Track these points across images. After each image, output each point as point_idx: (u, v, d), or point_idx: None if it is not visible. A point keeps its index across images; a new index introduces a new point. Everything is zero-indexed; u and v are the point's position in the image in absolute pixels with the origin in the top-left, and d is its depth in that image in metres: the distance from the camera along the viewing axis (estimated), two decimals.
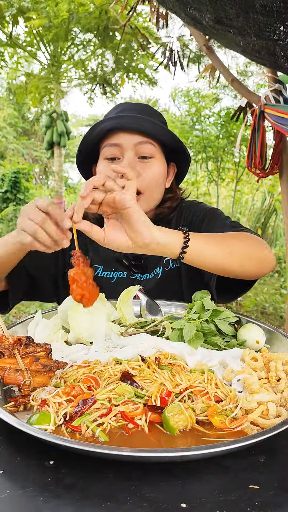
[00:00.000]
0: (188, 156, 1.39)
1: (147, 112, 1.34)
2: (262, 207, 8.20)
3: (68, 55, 8.75)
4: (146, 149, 1.28)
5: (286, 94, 2.69)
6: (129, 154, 1.27)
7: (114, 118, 1.27)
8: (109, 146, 1.28)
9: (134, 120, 1.26)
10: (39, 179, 17.39)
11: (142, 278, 1.40)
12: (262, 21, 1.51)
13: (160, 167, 1.31)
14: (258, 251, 1.16)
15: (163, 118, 1.40)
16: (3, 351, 0.88)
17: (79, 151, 1.36)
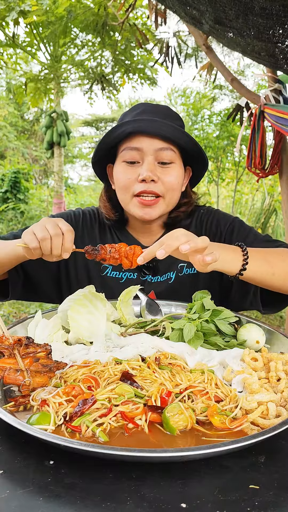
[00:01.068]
0: (206, 162, 1.38)
1: (167, 114, 1.32)
2: (262, 207, 8.20)
3: (67, 55, 8.75)
4: (167, 155, 1.27)
5: (286, 94, 2.69)
6: (150, 159, 1.26)
7: (135, 121, 1.25)
8: (128, 150, 1.27)
9: (155, 124, 1.24)
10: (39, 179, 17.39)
11: (153, 280, 1.40)
12: (261, 23, 1.51)
13: (179, 172, 1.31)
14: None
15: (182, 121, 1.38)
16: (3, 351, 0.88)
17: (96, 151, 1.35)
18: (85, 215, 1.48)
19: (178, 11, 1.88)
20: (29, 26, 7.43)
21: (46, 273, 1.40)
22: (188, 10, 1.75)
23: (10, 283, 1.33)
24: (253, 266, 1.09)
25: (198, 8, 1.66)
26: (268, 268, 1.13)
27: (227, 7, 1.50)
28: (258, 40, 1.66)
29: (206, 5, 1.58)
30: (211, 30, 1.86)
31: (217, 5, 1.52)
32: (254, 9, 1.44)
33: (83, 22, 7.07)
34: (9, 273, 1.32)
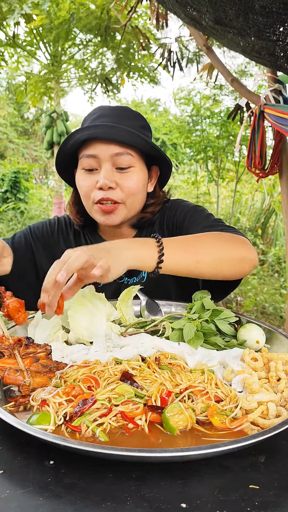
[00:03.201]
0: (169, 163, 1.35)
1: (125, 116, 1.30)
2: (262, 207, 8.21)
3: (68, 55, 8.75)
4: (124, 160, 1.24)
5: (286, 94, 2.69)
6: (106, 165, 1.23)
7: (89, 128, 1.23)
8: (85, 157, 1.25)
9: (110, 129, 1.21)
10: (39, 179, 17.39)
11: (129, 282, 1.40)
12: (261, 22, 1.51)
13: (139, 176, 1.28)
14: (233, 252, 1.14)
15: (144, 120, 1.35)
16: (3, 352, 0.88)
17: (57, 159, 1.34)
18: (60, 222, 1.49)
19: (178, 12, 1.88)
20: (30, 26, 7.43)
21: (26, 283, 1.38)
22: (188, 11, 1.75)
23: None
24: (173, 256, 1.03)
25: (198, 8, 1.66)
26: (191, 256, 1.07)
27: (227, 6, 1.50)
28: (258, 39, 1.66)
29: (206, 6, 1.58)
30: (211, 31, 1.86)
31: (217, 5, 1.52)
32: (254, 7, 1.44)
33: (86, 25, 7.07)
34: None
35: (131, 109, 1.37)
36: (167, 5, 1.90)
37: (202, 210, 1.40)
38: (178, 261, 1.06)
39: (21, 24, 6.50)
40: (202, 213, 1.37)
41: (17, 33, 7.28)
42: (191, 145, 8.02)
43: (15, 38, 7.17)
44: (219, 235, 1.17)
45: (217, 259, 1.11)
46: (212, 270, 1.11)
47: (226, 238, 1.16)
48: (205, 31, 2.04)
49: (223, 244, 1.14)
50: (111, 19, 6.59)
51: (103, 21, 6.74)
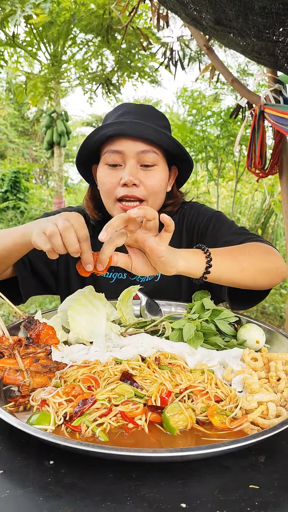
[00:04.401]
0: (191, 162, 1.37)
1: (150, 115, 1.30)
2: (262, 207, 8.20)
3: (68, 54, 8.75)
4: (149, 158, 1.24)
5: (286, 94, 2.69)
6: (131, 162, 1.23)
7: (116, 124, 1.23)
8: (110, 153, 1.25)
9: (136, 126, 1.22)
10: (39, 179, 17.40)
11: (141, 280, 1.40)
12: (261, 22, 1.51)
13: (162, 174, 1.29)
14: (270, 263, 1.16)
15: (166, 120, 1.37)
16: (3, 352, 0.88)
17: (79, 153, 1.34)
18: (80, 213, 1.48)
19: (179, 12, 1.88)
20: (29, 25, 7.44)
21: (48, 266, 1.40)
22: (188, 11, 1.75)
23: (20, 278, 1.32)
24: (219, 264, 1.05)
25: (198, 8, 1.66)
26: (235, 264, 1.09)
27: (227, 7, 1.50)
28: (258, 39, 1.66)
29: (206, 6, 1.58)
30: (211, 31, 1.86)
31: (217, 6, 1.52)
32: (254, 8, 1.44)
33: (87, 25, 7.07)
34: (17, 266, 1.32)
35: (155, 108, 1.38)
36: (167, 4, 1.90)
37: (224, 216, 1.42)
38: (224, 270, 1.07)
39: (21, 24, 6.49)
40: (226, 220, 1.38)
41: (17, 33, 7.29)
42: (191, 145, 8.02)
43: (15, 38, 7.17)
44: (258, 246, 1.19)
45: (258, 270, 1.13)
46: (252, 279, 1.13)
47: (264, 249, 1.19)
48: (205, 31, 2.04)
49: (262, 254, 1.16)
50: (113, 19, 6.59)
51: (105, 21, 6.74)
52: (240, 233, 1.30)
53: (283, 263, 1.20)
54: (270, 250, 1.19)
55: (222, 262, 1.06)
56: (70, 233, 0.93)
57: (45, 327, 1.00)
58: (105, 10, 6.36)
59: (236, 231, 1.31)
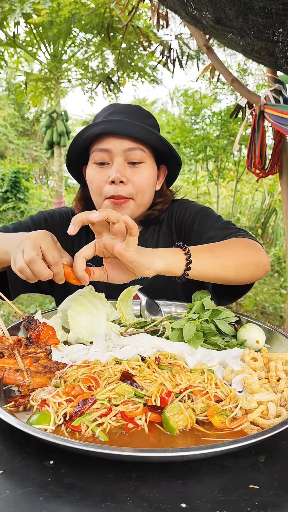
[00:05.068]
0: (179, 160, 1.37)
1: (138, 114, 1.32)
2: (262, 207, 8.20)
3: (68, 54, 8.75)
4: (136, 155, 1.26)
5: (286, 94, 2.68)
6: (119, 160, 1.25)
7: (103, 122, 1.25)
8: (98, 151, 1.26)
9: (123, 125, 1.24)
10: (39, 179, 17.40)
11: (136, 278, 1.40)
12: (261, 23, 1.51)
13: (150, 172, 1.30)
14: (251, 257, 1.16)
15: (154, 120, 1.38)
16: (3, 352, 0.88)
17: (69, 154, 1.35)
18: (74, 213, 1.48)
19: (178, 11, 1.88)
20: (30, 25, 7.44)
21: None
22: (188, 10, 1.75)
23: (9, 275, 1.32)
24: (199, 261, 1.04)
25: (198, 8, 1.66)
26: (216, 260, 1.08)
27: (227, 7, 1.50)
28: (258, 39, 1.66)
29: (206, 5, 1.58)
30: (211, 30, 1.86)
31: (217, 5, 1.52)
32: (254, 8, 1.44)
33: (87, 24, 7.08)
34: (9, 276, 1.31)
35: (142, 108, 1.40)
36: (167, 3, 1.90)
37: (211, 211, 1.42)
38: (205, 266, 1.06)
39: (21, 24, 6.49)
40: (212, 215, 1.38)
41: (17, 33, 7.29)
42: (191, 145, 8.02)
43: (15, 38, 7.17)
44: (239, 241, 1.19)
45: (239, 264, 1.13)
46: (234, 274, 1.12)
47: (246, 243, 1.18)
48: (205, 31, 2.04)
49: (243, 249, 1.16)
50: (113, 18, 6.59)
51: (105, 19, 6.74)
52: (224, 227, 1.30)
53: (265, 257, 1.20)
54: (252, 244, 1.19)
55: (202, 258, 1.05)
56: (35, 264, 0.94)
57: (45, 327, 1.00)
58: (106, 8, 6.36)
59: (221, 225, 1.31)
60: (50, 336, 1.00)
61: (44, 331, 1.00)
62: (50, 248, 0.97)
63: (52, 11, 6.58)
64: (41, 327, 1.00)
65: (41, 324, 1.01)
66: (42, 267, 0.95)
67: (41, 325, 1.01)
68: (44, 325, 1.01)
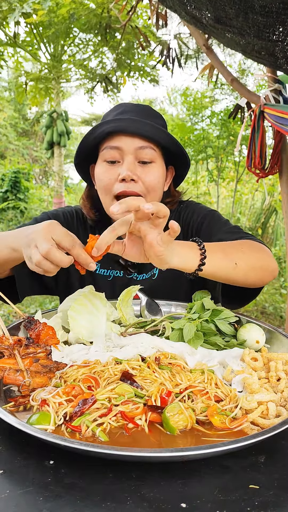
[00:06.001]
0: (188, 160, 1.38)
1: (148, 113, 1.32)
2: (262, 207, 8.20)
3: (68, 54, 8.75)
4: (147, 154, 1.26)
5: (286, 94, 2.68)
6: (129, 158, 1.25)
7: (114, 121, 1.25)
8: (109, 149, 1.26)
9: (135, 123, 1.24)
10: (39, 179, 17.40)
11: (138, 278, 1.40)
12: (261, 21, 1.51)
13: (159, 172, 1.30)
14: (262, 262, 1.17)
15: (163, 120, 1.38)
16: (3, 352, 0.88)
17: (78, 152, 1.34)
18: (77, 213, 1.48)
19: (178, 10, 1.88)
20: (30, 25, 7.44)
21: None
22: (188, 10, 1.75)
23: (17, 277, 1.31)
24: (213, 260, 1.05)
25: (198, 7, 1.66)
26: (229, 261, 1.09)
27: (227, 6, 1.50)
28: (258, 38, 1.66)
29: (206, 4, 1.58)
30: (211, 30, 1.86)
31: (217, 4, 1.52)
32: (254, 7, 1.44)
33: (86, 24, 7.08)
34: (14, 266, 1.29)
35: (152, 108, 1.40)
36: (167, 3, 1.90)
37: (219, 215, 1.42)
38: (217, 265, 1.07)
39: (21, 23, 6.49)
40: (220, 218, 1.39)
41: (18, 33, 7.28)
42: (190, 144, 8.02)
43: (15, 38, 7.17)
44: (252, 244, 1.20)
45: (250, 267, 1.14)
46: (244, 276, 1.13)
47: (257, 247, 1.20)
48: (205, 30, 2.04)
49: (255, 253, 1.17)
50: (111, 18, 6.59)
51: (104, 19, 6.75)
52: (234, 231, 1.31)
53: (274, 262, 1.21)
54: (262, 249, 1.21)
55: (215, 258, 1.06)
56: (53, 254, 0.92)
57: (45, 327, 1.00)
58: (104, 9, 6.36)
59: (230, 229, 1.32)
60: (50, 336, 1.00)
61: (44, 331, 1.00)
62: (63, 234, 0.96)
63: (51, 11, 6.58)
64: (41, 327, 1.00)
65: (41, 324, 1.01)
66: (60, 255, 0.93)
67: (41, 325, 1.01)
68: (44, 325, 1.01)
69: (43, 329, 1.00)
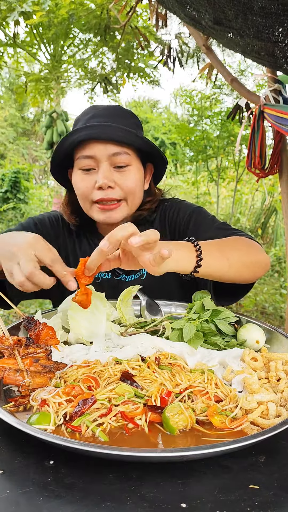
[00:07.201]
0: (165, 159, 1.37)
1: (118, 115, 1.30)
2: (262, 207, 8.20)
3: (68, 54, 8.75)
4: (122, 159, 1.25)
5: (286, 94, 2.68)
6: (104, 165, 1.24)
7: (86, 128, 1.23)
8: (82, 158, 1.25)
9: (106, 129, 1.22)
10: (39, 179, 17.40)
11: (127, 279, 1.40)
12: (260, 23, 1.51)
13: (137, 174, 1.29)
14: (254, 257, 1.17)
15: (136, 118, 1.36)
16: (3, 352, 0.88)
17: (52, 161, 1.33)
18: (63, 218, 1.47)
19: (177, 12, 1.88)
20: (29, 26, 7.44)
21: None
22: (187, 11, 1.75)
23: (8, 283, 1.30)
24: (209, 261, 1.04)
25: (197, 8, 1.66)
26: (224, 260, 1.08)
27: (226, 7, 1.50)
28: (257, 39, 1.66)
29: (205, 6, 1.58)
30: (211, 31, 1.86)
31: (216, 6, 1.52)
32: (253, 8, 1.44)
33: (85, 24, 7.08)
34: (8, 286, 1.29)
35: (122, 107, 1.39)
36: (166, 4, 1.90)
37: (205, 211, 1.42)
38: (213, 264, 1.06)
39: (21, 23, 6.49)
40: (207, 215, 1.39)
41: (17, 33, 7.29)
42: (190, 145, 8.02)
43: (15, 38, 7.17)
44: (243, 240, 1.20)
45: (243, 264, 1.14)
46: (238, 273, 1.13)
47: (249, 243, 1.20)
48: (205, 31, 2.04)
49: (248, 248, 1.17)
50: (111, 18, 6.60)
51: (103, 20, 6.75)
52: (223, 228, 1.31)
53: (266, 257, 1.22)
54: (254, 244, 1.21)
55: (211, 258, 1.05)
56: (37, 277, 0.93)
57: (45, 327, 1.01)
58: (103, 9, 6.37)
59: (219, 226, 1.32)
60: (50, 336, 1.00)
61: (44, 331, 1.00)
62: (45, 250, 0.96)
63: (50, 11, 6.58)
64: (41, 327, 1.00)
65: (41, 324, 1.01)
66: (43, 278, 0.93)
67: (41, 325, 1.01)
68: (44, 325, 1.01)
69: (43, 329, 1.00)
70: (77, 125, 1.31)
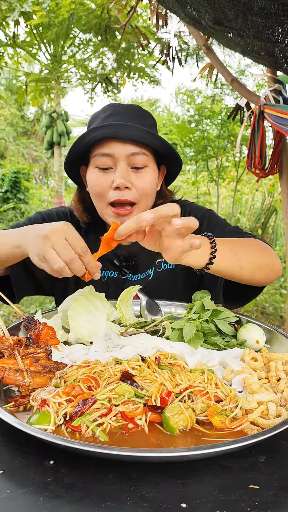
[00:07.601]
0: (180, 161, 1.36)
1: (137, 115, 1.30)
2: (262, 207, 8.20)
3: (68, 54, 8.76)
4: (140, 160, 1.24)
5: (286, 94, 2.68)
6: (122, 165, 1.23)
7: (104, 127, 1.22)
8: (100, 156, 1.24)
9: (125, 128, 1.21)
10: (39, 179, 17.40)
11: (133, 279, 1.40)
12: (260, 23, 1.51)
13: (152, 176, 1.29)
14: (268, 261, 1.18)
15: (153, 119, 1.36)
16: (3, 352, 0.88)
17: (68, 157, 1.32)
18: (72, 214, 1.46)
19: (177, 12, 1.88)
20: (29, 26, 7.45)
21: None
22: (187, 11, 1.75)
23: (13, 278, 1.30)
24: (221, 259, 1.04)
25: (197, 8, 1.66)
26: (236, 261, 1.09)
27: (226, 7, 1.50)
28: (257, 39, 1.66)
29: (205, 6, 1.58)
30: (211, 31, 1.86)
31: (216, 6, 1.52)
32: (253, 9, 1.44)
33: (86, 24, 7.08)
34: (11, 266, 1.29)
35: (141, 107, 1.38)
36: (166, 4, 1.90)
37: (216, 214, 1.43)
38: (225, 263, 1.07)
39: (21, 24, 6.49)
40: (219, 218, 1.40)
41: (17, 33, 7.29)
42: (191, 145, 8.02)
43: (15, 38, 7.17)
44: (258, 243, 1.20)
45: (255, 266, 1.14)
46: (250, 275, 1.14)
47: (263, 247, 1.20)
48: (205, 31, 2.04)
49: (262, 251, 1.18)
50: (111, 18, 6.60)
51: (103, 20, 6.75)
52: (237, 232, 1.31)
53: (278, 261, 1.22)
54: (268, 248, 1.21)
55: (224, 257, 1.06)
56: (75, 264, 0.94)
57: (45, 327, 1.01)
58: (103, 9, 6.37)
59: (232, 229, 1.33)
60: (50, 336, 1.00)
61: (44, 331, 1.00)
62: (77, 239, 0.96)
63: (50, 11, 6.58)
64: (41, 327, 1.00)
65: (41, 324, 1.01)
66: (81, 266, 0.95)
67: (41, 325, 1.01)
68: (44, 325, 1.01)
69: (43, 329, 1.00)
70: (94, 122, 1.30)
